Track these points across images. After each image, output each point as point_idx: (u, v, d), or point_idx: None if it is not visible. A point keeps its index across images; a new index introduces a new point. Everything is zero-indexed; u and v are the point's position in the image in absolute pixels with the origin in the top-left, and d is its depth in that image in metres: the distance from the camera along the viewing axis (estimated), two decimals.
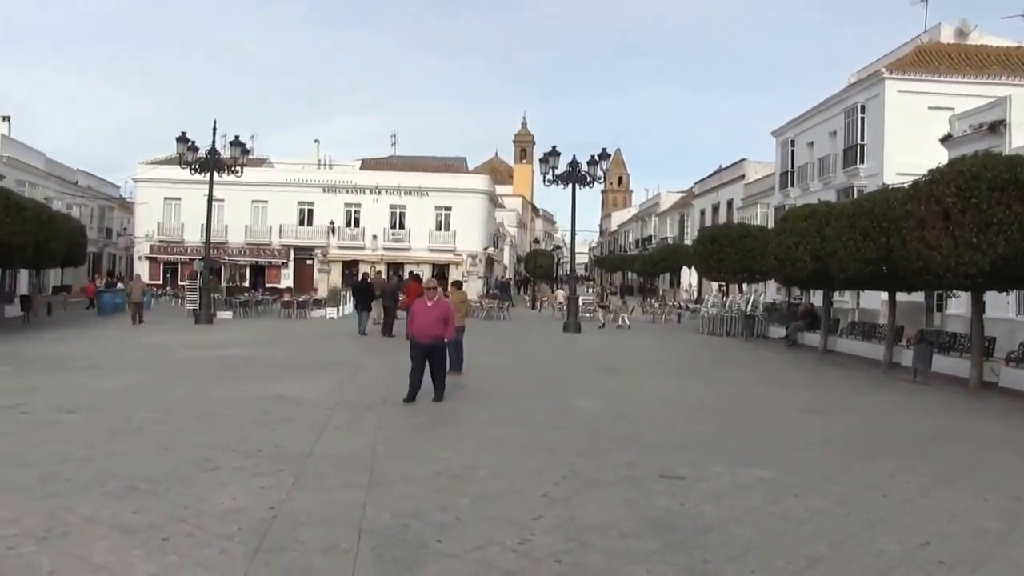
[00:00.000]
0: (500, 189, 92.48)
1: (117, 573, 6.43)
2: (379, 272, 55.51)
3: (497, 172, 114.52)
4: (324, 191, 68.54)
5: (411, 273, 48.99)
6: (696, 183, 75.91)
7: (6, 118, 59.72)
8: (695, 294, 67.47)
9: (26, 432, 11.86)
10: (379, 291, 33.35)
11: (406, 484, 9.25)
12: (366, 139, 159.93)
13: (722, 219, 61.62)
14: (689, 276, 70.46)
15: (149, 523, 7.63)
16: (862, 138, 41.11)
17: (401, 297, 30.78)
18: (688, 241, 66.14)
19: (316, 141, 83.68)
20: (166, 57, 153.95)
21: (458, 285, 23.55)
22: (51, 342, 27.08)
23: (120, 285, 54.59)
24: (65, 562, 6.63)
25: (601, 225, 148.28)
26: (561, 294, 43.63)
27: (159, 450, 10.74)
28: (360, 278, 41.33)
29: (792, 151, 50.16)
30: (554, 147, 37.69)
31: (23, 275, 43.45)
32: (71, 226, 41.69)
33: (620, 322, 42.05)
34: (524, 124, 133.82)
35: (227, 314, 40.92)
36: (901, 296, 26.80)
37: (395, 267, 64.59)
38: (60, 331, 31.74)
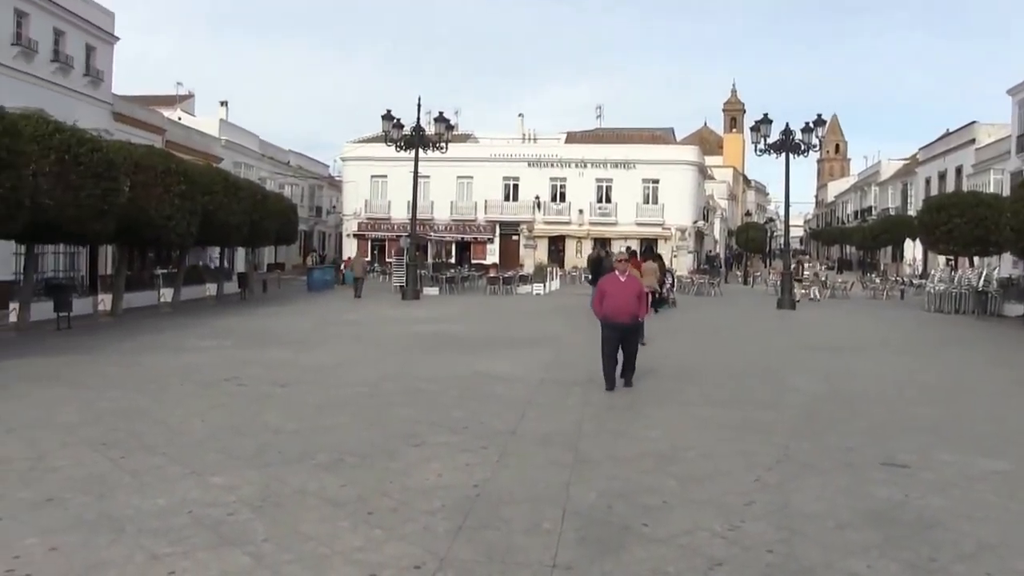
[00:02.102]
0: (709, 160, 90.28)
1: (325, 544, 6.46)
2: (608, 250, 54.87)
3: (706, 142, 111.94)
4: (529, 165, 68.70)
5: (627, 248, 48.40)
6: (920, 149, 71.83)
7: (223, 103, 63.25)
8: (919, 268, 63.85)
9: (243, 404, 12.29)
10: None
11: (611, 464, 8.96)
12: (571, 112, 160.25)
13: (950, 187, 57.91)
14: (913, 249, 66.87)
15: (356, 496, 7.67)
16: None
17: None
18: (912, 212, 62.63)
19: (520, 115, 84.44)
20: (370, 37, 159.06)
21: (653, 256, 22.94)
22: (265, 318, 28.30)
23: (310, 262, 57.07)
24: (278, 531, 6.74)
25: (816, 196, 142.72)
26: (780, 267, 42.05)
27: (366, 424, 10.87)
28: (595, 253, 41.14)
29: None
30: (765, 115, 36.21)
31: (240, 253, 45.74)
32: (283, 205, 43.63)
33: (812, 295, 40.39)
34: (734, 92, 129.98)
35: (433, 290, 41.78)
36: None
37: (601, 242, 64.25)
38: (274, 307, 33.18)
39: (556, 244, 67.99)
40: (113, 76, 38.85)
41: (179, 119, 51.70)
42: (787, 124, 35.79)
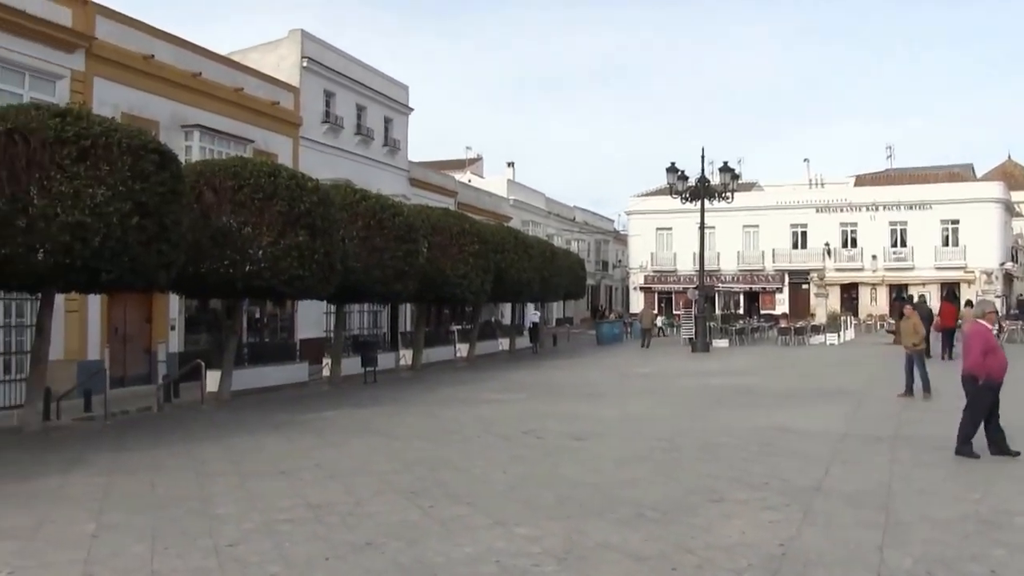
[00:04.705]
0: (1016, 196, 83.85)
1: None
2: (923, 297, 52.12)
3: (1011, 177, 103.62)
4: (817, 211, 66.59)
5: (919, 296, 45.92)
6: None
7: (510, 164, 65.76)
8: None
9: (540, 456, 12.60)
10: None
11: (928, 526, 8.43)
12: (858, 154, 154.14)
13: None
14: None
15: (658, 552, 7.64)
16: None
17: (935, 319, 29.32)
18: None
19: (806, 160, 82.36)
20: (648, 91, 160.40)
21: (922, 299, 21.63)
22: (557, 371, 28.92)
23: (612, 316, 57.57)
24: None
25: None
26: None
27: (664, 479, 10.84)
28: (908, 300, 39.39)
29: None
30: None
31: (530, 308, 47.01)
32: (572, 261, 44.63)
33: None
34: None
35: (723, 342, 41.17)
36: None
37: (897, 288, 61.06)
38: (565, 360, 33.83)
39: (849, 292, 65.17)
40: (408, 144, 41.41)
41: (469, 181, 54.22)
42: None
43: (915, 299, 36.39)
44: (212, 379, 20.74)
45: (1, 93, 19.45)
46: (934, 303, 45.99)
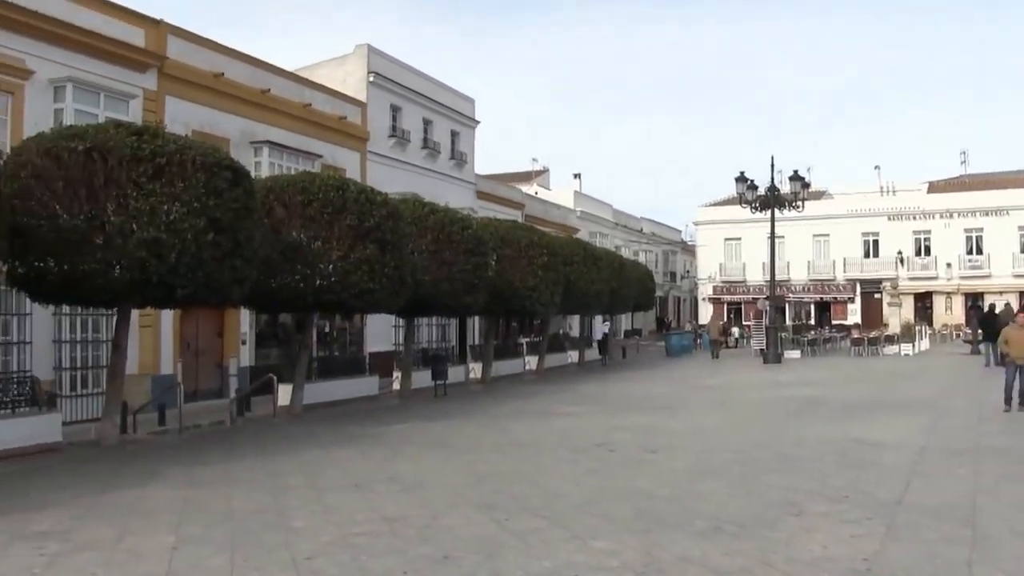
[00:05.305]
0: None
1: None
2: (1008, 304, 50.83)
3: None
4: (889, 219, 65.41)
5: (1006, 304, 44.65)
6: None
7: (576, 175, 65.67)
8: None
9: (614, 469, 12.50)
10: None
11: (1019, 542, 8.19)
12: (931, 160, 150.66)
13: None
14: None
15: (739, 567, 7.51)
16: None
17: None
18: None
19: (876, 167, 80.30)
20: (713, 99, 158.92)
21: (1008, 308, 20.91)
22: (627, 383, 28.73)
23: (688, 327, 57.19)
24: None
25: None
26: None
27: (741, 491, 10.66)
28: (986, 309, 38.53)
29: None
30: None
31: (598, 320, 46.82)
32: (640, 272, 44.40)
33: None
34: None
35: (794, 353, 40.58)
36: None
37: (973, 297, 59.61)
38: (635, 372, 33.62)
39: (923, 301, 63.82)
40: (475, 157, 41.54)
41: (535, 193, 54.19)
42: None
43: (998, 307, 35.54)
44: (284, 393, 20.93)
45: (78, 113, 19.91)
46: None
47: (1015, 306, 37.89)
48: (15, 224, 14.14)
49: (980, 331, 34.22)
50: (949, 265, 63.16)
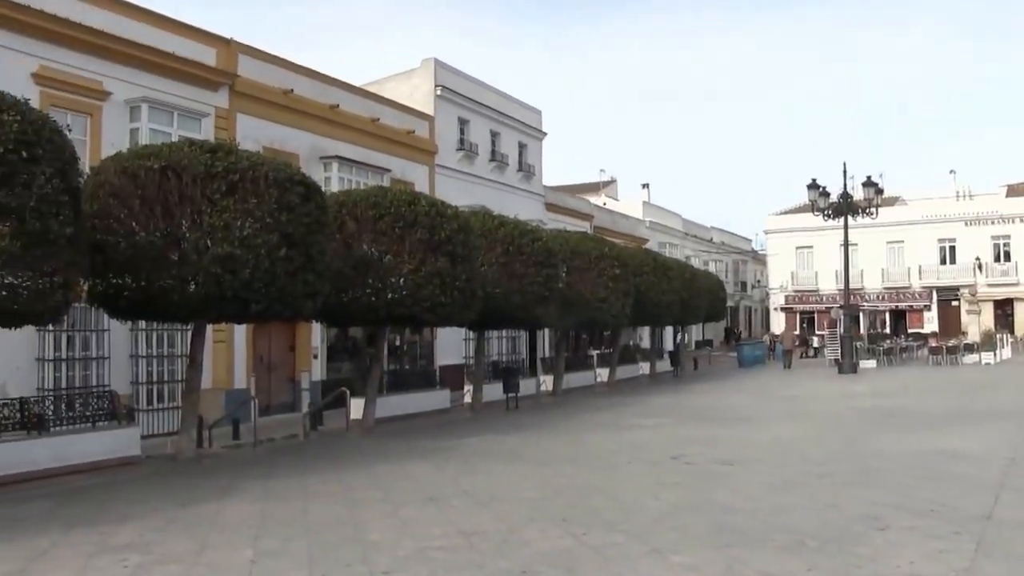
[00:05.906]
0: None
1: None
2: None
3: None
4: (966, 225, 63.88)
5: None
6: None
7: (645, 185, 65.21)
8: None
9: (692, 482, 12.31)
10: None
11: None
12: (1009, 162, 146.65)
13: None
14: None
15: None
16: None
17: None
18: None
19: (952, 171, 78.66)
20: (781, 105, 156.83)
21: None
22: (700, 395, 28.43)
23: (766, 337, 56.62)
24: None
25: None
26: None
27: (822, 505, 10.42)
28: None
29: None
30: None
31: (668, 332, 46.41)
32: (711, 282, 43.99)
33: None
34: None
35: (870, 362, 39.83)
36: None
37: None
38: (707, 384, 33.25)
39: (1003, 308, 62.21)
40: (543, 169, 41.48)
41: (604, 204, 53.94)
42: None
43: None
44: (356, 407, 21.04)
45: (152, 132, 20.31)
46: None
47: None
48: (95, 242, 14.40)
49: None
50: None
